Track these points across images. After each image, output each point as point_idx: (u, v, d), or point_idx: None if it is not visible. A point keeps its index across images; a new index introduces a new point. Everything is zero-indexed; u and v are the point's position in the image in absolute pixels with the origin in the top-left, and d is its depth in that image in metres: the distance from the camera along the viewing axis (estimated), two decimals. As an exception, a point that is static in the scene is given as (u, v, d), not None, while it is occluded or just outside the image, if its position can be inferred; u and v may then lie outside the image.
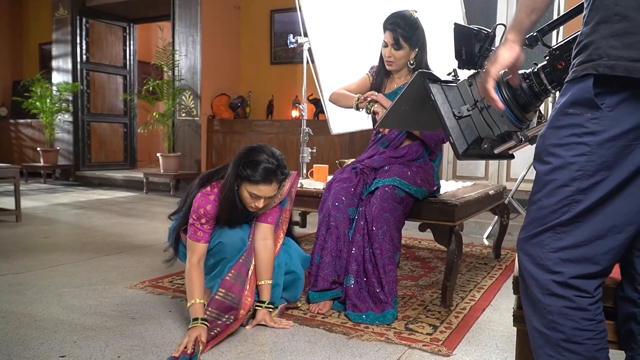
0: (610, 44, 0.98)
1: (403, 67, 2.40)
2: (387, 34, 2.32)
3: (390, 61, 2.35)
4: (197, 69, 6.54)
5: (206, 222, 1.95)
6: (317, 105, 5.89)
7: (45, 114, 7.33)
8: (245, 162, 1.90)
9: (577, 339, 1.07)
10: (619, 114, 0.99)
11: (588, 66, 1.01)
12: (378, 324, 2.04)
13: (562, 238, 1.07)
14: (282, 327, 2.00)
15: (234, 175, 1.92)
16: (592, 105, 1.01)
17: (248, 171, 1.89)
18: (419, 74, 1.38)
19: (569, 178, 1.05)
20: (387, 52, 2.35)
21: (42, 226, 4.07)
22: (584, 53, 1.02)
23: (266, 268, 2.05)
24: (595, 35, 1.01)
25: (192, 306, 1.87)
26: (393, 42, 2.31)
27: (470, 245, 3.59)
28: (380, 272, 2.09)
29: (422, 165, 2.37)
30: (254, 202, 1.95)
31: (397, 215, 2.17)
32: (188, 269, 1.94)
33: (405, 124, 1.91)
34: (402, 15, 2.31)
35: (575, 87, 1.04)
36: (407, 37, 2.30)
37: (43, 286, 2.48)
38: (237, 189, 1.94)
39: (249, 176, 1.89)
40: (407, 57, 2.35)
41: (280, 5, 6.53)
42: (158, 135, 7.75)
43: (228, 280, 1.97)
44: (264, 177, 1.89)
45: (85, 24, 7.60)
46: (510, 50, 1.16)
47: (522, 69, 1.25)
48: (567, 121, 1.05)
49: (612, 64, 0.97)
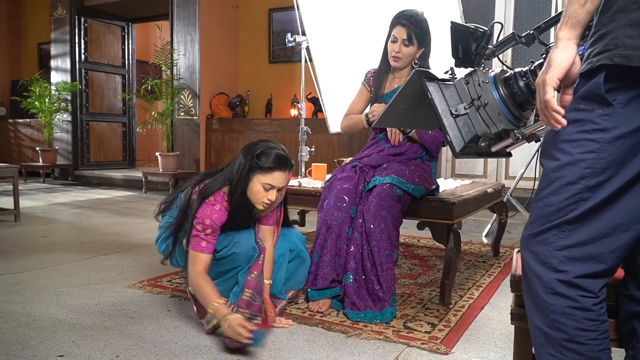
0: (627, 33, 0.95)
1: (407, 65, 2.40)
2: (399, 29, 2.31)
3: (398, 57, 2.35)
4: (195, 68, 6.53)
5: (212, 232, 1.93)
6: (315, 104, 5.89)
7: (44, 113, 7.33)
8: (257, 153, 1.90)
9: (579, 339, 1.05)
10: (631, 111, 0.97)
11: (603, 57, 0.97)
12: (377, 323, 2.04)
13: (568, 236, 1.05)
14: (282, 326, 2.00)
15: (247, 169, 1.90)
16: (603, 102, 0.98)
17: (262, 159, 1.89)
18: (415, 72, 1.38)
19: (578, 175, 1.03)
20: (396, 47, 2.34)
21: (40, 226, 4.07)
22: (601, 43, 0.99)
23: (265, 268, 2.05)
24: (612, 24, 0.97)
25: (216, 309, 1.81)
26: (405, 37, 2.30)
27: (469, 243, 3.60)
28: (378, 269, 2.10)
29: (419, 163, 2.37)
30: (267, 195, 1.93)
31: (395, 214, 2.17)
32: (195, 279, 1.90)
33: (402, 122, 1.91)
34: (415, 13, 2.32)
35: (586, 83, 1.01)
36: (419, 35, 2.31)
37: (41, 286, 2.48)
38: (247, 186, 1.92)
39: (264, 164, 1.89)
40: (413, 55, 2.35)
41: (279, 4, 6.52)
42: (157, 135, 7.75)
43: (251, 280, 1.97)
44: (278, 163, 1.90)
45: (84, 24, 7.60)
46: (566, 50, 1.01)
47: (519, 66, 1.24)
48: (577, 117, 1.02)
49: (628, 53, 0.94)
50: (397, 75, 2.45)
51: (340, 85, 3.50)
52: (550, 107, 1.01)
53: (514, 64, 4.68)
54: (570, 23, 1.01)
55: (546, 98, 1.02)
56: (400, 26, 2.30)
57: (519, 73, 1.28)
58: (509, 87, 1.27)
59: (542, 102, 1.04)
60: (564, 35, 1.01)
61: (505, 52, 1.98)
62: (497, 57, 1.39)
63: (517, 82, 1.27)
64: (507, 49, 1.42)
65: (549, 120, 1.04)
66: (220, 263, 2.01)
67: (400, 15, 2.33)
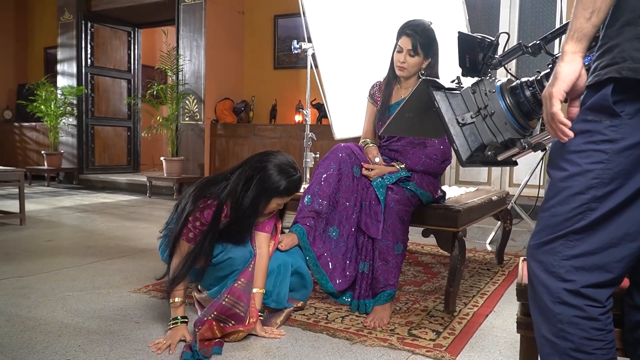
0: (635, 47, 0.96)
1: (414, 75, 2.41)
2: (405, 39, 2.32)
3: (403, 67, 2.36)
4: (201, 73, 6.57)
5: (200, 225, 1.93)
6: (320, 110, 5.90)
7: (49, 117, 7.37)
8: (274, 181, 1.95)
9: (586, 349, 1.05)
10: (638, 123, 0.98)
11: (611, 69, 0.99)
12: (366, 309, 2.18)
13: (575, 246, 1.06)
14: (273, 337, 1.96)
15: (264, 195, 1.95)
16: (611, 113, 0.99)
17: (281, 186, 1.95)
18: (422, 81, 1.39)
19: (585, 186, 1.03)
20: (401, 58, 2.35)
21: (46, 229, 4.09)
22: (608, 56, 1.00)
23: (259, 276, 2.04)
24: (620, 38, 0.98)
25: (174, 305, 1.92)
26: (410, 48, 2.31)
27: (473, 251, 3.59)
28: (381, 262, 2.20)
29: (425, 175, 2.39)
30: (277, 207, 2.07)
31: (400, 209, 2.21)
32: (175, 265, 1.92)
33: (409, 130, 1.92)
34: (422, 24, 2.33)
35: (595, 94, 1.02)
36: (424, 46, 2.31)
37: (47, 290, 2.49)
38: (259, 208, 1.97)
39: (283, 191, 1.97)
40: (419, 65, 2.36)
41: (284, 10, 6.56)
42: (161, 139, 7.78)
43: (238, 288, 1.96)
44: (296, 186, 2.00)
45: (90, 29, 7.65)
46: (572, 63, 1.02)
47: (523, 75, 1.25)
48: (585, 128, 1.03)
49: (636, 67, 0.96)
50: (403, 85, 2.46)
51: (345, 92, 3.51)
52: (557, 120, 1.03)
53: (519, 73, 4.69)
54: (576, 37, 1.02)
55: (553, 111, 1.03)
56: (406, 36, 2.32)
57: (526, 83, 1.29)
58: (516, 96, 1.28)
59: (548, 115, 1.05)
60: (570, 49, 1.02)
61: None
62: (504, 67, 1.40)
63: (524, 92, 1.28)
64: (514, 59, 1.43)
65: (556, 133, 1.05)
66: (218, 268, 2.01)
67: (406, 26, 2.34)
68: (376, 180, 2.27)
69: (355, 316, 2.20)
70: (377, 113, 2.52)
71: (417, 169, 2.34)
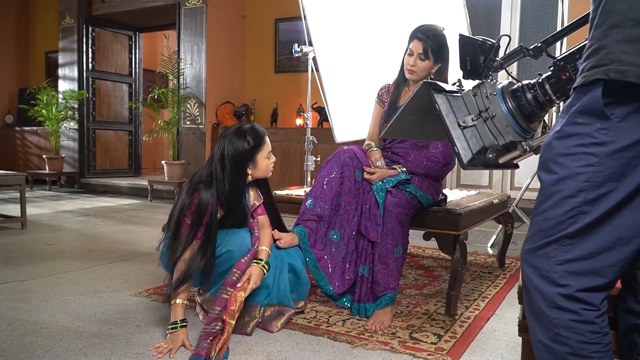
0: (622, 49, 0.95)
1: (423, 79, 2.41)
2: (416, 43, 2.33)
3: (413, 70, 2.36)
4: (202, 77, 6.58)
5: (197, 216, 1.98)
6: (321, 114, 5.90)
7: (51, 121, 7.38)
8: (244, 140, 2.02)
9: (583, 352, 1.05)
10: (629, 125, 0.97)
11: (598, 71, 0.98)
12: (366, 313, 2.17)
13: (569, 250, 1.05)
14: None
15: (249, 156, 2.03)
16: (602, 116, 0.99)
17: (251, 139, 2.03)
18: (423, 83, 1.39)
19: (576, 189, 1.02)
20: (411, 61, 2.35)
21: (47, 233, 4.09)
22: (594, 57, 1.00)
23: (265, 237, 2.14)
24: (607, 39, 0.98)
25: (175, 308, 1.93)
26: (421, 52, 2.32)
27: (475, 254, 3.59)
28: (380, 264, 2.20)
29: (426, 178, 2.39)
30: (271, 159, 2.12)
31: (399, 212, 2.20)
32: (179, 264, 1.95)
33: (410, 133, 1.92)
34: (434, 29, 2.34)
35: (584, 97, 1.02)
36: (435, 50, 2.31)
37: (48, 293, 2.49)
38: (248, 171, 2.05)
39: (256, 141, 2.03)
40: (429, 69, 2.36)
41: (285, 14, 6.57)
42: (163, 143, 7.77)
43: (233, 280, 1.98)
44: (259, 130, 2.07)
45: (92, 33, 7.67)
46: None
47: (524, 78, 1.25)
48: (575, 130, 1.02)
49: (623, 69, 0.95)
50: (412, 88, 2.46)
51: (346, 95, 3.51)
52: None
53: (520, 76, 4.69)
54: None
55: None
56: (417, 40, 2.32)
57: (527, 85, 1.29)
58: (517, 99, 1.28)
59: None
60: None
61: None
62: (505, 69, 1.40)
63: (525, 95, 1.27)
64: (515, 62, 1.43)
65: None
66: (217, 263, 2.02)
67: (419, 30, 2.35)
68: (376, 183, 2.28)
69: (356, 320, 2.19)
70: (384, 115, 2.52)
71: (418, 172, 2.34)
